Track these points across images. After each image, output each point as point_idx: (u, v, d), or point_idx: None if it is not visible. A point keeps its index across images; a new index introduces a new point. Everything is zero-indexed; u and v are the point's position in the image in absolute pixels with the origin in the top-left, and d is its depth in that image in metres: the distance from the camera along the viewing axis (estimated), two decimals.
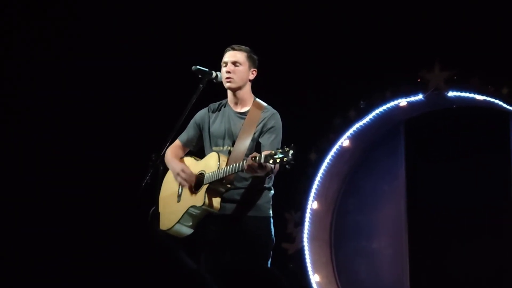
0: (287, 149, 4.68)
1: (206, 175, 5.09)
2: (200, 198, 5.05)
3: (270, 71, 5.53)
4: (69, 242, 7.67)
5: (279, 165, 4.76)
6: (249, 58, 5.22)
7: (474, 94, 7.08)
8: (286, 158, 4.67)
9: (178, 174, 5.18)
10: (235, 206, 5.09)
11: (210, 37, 7.32)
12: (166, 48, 7.64)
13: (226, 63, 5.22)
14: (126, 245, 7.45)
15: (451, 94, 7.21)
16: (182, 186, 5.19)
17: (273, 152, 4.72)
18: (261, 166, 4.76)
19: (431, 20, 7.07)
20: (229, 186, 5.05)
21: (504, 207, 7.26)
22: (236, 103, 5.26)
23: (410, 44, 7.13)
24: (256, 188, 5.11)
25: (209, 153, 5.21)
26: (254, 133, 5.11)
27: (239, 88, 5.22)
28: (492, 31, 6.86)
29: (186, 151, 5.38)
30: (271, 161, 4.70)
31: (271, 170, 4.85)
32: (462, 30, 6.97)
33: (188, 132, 5.36)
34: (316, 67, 7.47)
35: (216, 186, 5.04)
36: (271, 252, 5.17)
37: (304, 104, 7.52)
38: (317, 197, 7.73)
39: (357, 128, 7.62)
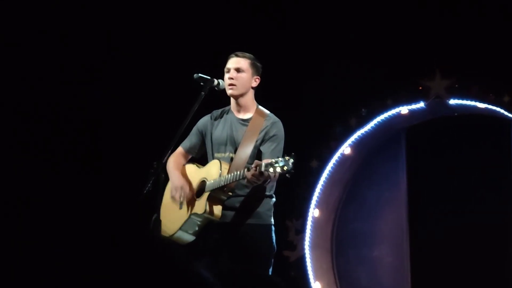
0: (287, 158, 4.68)
1: (207, 182, 5.09)
2: (201, 206, 5.05)
3: (271, 79, 5.54)
4: (68, 250, 7.65)
5: (279, 174, 4.76)
6: (253, 65, 5.22)
7: (476, 102, 7.08)
8: (286, 167, 4.67)
9: (179, 188, 5.17)
10: (236, 214, 5.09)
11: (211, 45, 7.32)
12: (168, 55, 7.65)
13: (229, 70, 5.22)
14: (127, 253, 7.44)
15: (452, 102, 7.21)
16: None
17: (273, 161, 4.72)
18: (261, 174, 4.77)
19: (432, 28, 7.08)
20: (230, 193, 5.05)
21: (506, 215, 7.25)
22: (238, 110, 5.26)
23: (411, 52, 7.13)
24: (257, 196, 5.11)
25: (211, 160, 5.21)
26: (257, 141, 5.11)
27: (242, 95, 5.21)
28: (494, 38, 6.87)
29: (189, 158, 5.39)
30: (271, 170, 4.70)
31: (269, 176, 4.84)
32: (463, 38, 6.97)
33: (191, 139, 5.36)
34: (317, 74, 7.47)
35: (218, 194, 5.04)
36: (272, 260, 5.17)
37: (305, 111, 7.52)
38: (318, 205, 7.72)
39: (358, 136, 7.62)
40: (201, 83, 5.23)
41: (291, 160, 4.67)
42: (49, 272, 7.75)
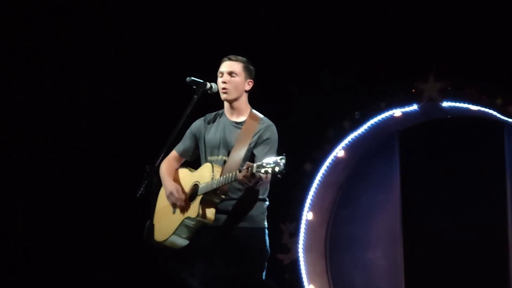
0: (279, 158, 4.68)
1: (200, 186, 5.08)
2: (194, 210, 5.04)
3: (265, 82, 5.54)
4: (64, 254, 7.65)
5: (271, 175, 4.76)
6: (246, 68, 5.22)
7: (469, 104, 7.10)
8: (278, 168, 4.67)
9: (171, 194, 5.17)
10: (230, 217, 5.08)
11: (205, 48, 7.32)
12: (161, 59, 7.65)
13: (222, 74, 5.21)
14: (121, 257, 7.45)
15: (445, 104, 7.22)
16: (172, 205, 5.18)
17: (265, 162, 4.71)
18: (253, 175, 4.76)
19: (425, 31, 7.09)
20: (223, 196, 5.04)
21: (499, 217, 7.27)
22: (232, 113, 5.25)
23: (404, 55, 7.15)
24: (250, 199, 5.10)
25: (204, 163, 5.21)
26: (250, 144, 5.10)
27: (235, 99, 5.21)
28: (487, 41, 6.88)
29: (182, 162, 5.38)
30: (263, 171, 4.70)
31: (260, 178, 4.83)
32: (456, 41, 6.99)
33: (185, 142, 5.36)
34: (311, 77, 7.48)
35: (210, 197, 5.03)
36: (266, 263, 5.16)
37: (299, 114, 7.52)
38: (312, 208, 7.72)
39: (352, 139, 7.63)
40: (194, 87, 5.22)
41: (283, 161, 4.66)
42: (41, 275, 7.68)
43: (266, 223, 5.18)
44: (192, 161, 5.39)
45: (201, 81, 5.23)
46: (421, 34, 7.09)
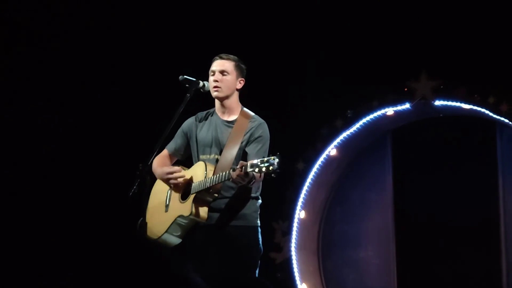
0: (273, 157, 4.68)
1: (193, 184, 5.08)
2: (187, 208, 5.04)
3: (258, 81, 5.53)
4: (56, 254, 7.64)
5: (264, 174, 4.76)
6: (237, 67, 5.22)
7: (461, 103, 7.11)
8: (271, 167, 4.67)
9: (169, 174, 5.15)
10: (223, 215, 5.08)
11: (197, 47, 7.32)
12: (154, 58, 7.64)
13: (213, 72, 5.22)
14: (114, 255, 7.44)
15: (437, 103, 7.23)
16: (175, 187, 5.16)
17: (258, 161, 4.71)
18: (247, 174, 4.76)
19: (418, 30, 7.10)
20: (216, 195, 5.04)
21: (491, 216, 7.28)
22: (223, 112, 5.26)
23: (397, 54, 7.15)
24: (243, 197, 5.10)
25: (196, 162, 5.20)
26: (242, 142, 5.11)
27: (227, 97, 5.21)
28: (478, 40, 6.89)
29: (174, 161, 5.38)
30: (256, 170, 4.70)
31: (253, 176, 4.83)
32: (448, 40, 7.00)
33: (176, 141, 5.35)
34: (303, 76, 7.48)
35: (203, 196, 5.03)
36: (259, 262, 5.16)
37: (291, 113, 7.52)
38: (305, 207, 7.72)
39: (344, 137, 7.63)
40: (186, 85, 5.22)
41: (276, 160, 4.66)
42: (35, 274, 7.64)
43: (259, 222, 5.18)
44: (184, 160, 5.39)
45: (194, 79, 5.23)
46: (414, 32, 7.10)
